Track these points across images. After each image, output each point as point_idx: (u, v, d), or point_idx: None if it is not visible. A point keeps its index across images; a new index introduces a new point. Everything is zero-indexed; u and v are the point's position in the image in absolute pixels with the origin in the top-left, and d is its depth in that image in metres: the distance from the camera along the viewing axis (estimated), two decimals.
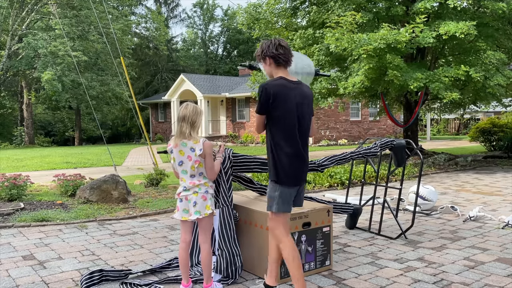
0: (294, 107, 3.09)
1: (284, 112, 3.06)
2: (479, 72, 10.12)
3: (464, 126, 33.72)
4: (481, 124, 16.19)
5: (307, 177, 8.74)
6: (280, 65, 3.14)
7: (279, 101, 3.04)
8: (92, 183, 7.24)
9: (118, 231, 5.58)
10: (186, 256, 3.44)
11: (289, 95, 3.08)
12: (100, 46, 26.97)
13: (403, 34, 9.76)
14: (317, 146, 22.07)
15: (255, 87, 15.09)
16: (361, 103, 20.28)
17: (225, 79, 30.73)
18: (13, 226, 5.77)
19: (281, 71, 3.16)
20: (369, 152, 4.69)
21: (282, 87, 3.06)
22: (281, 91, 3.05)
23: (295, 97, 3.10)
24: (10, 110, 33.46)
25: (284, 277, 3.73)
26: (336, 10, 11.35)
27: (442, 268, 4.03)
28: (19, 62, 26.31)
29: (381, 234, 5.19)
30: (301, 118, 3.13)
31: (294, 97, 3.09)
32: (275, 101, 3.03)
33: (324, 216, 3.98)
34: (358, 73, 10.34)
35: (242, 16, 13.54)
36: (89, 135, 35.65)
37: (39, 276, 3.95)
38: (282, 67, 3.16)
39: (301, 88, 3.17)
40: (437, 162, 12.55)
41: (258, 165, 4.08)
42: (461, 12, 10.88)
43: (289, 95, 3.08)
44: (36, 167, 13.17)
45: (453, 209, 6.31)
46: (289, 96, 3.07)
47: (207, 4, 48.37)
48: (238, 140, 25.91)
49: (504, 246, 4.70)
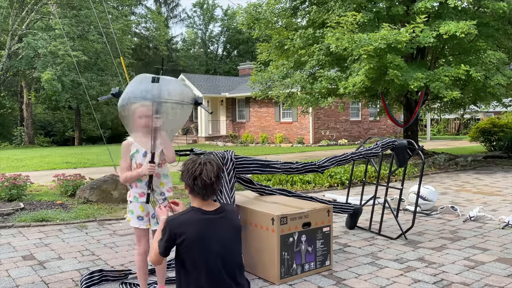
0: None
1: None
2: (479, 71, 10.12)
3: (464, 126, 33.71)
4: (481, 124, 16.19)
5: (307, 177, 8.80)
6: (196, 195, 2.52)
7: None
8: (92, 183, 7.24)
9: (118, 231, 5.57)
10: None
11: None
12: (100, 46, 26.97)
13: (404, 34, 9.75)
14: (317, 146, 22.06)
15: (255, 87, 15.09)
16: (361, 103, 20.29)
17: (225, 79, 30.74)
18: (13, 226, 5.76)
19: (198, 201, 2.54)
20: (370, 153, 4.68)
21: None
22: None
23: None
24: (10, 110, 33.44)
25: (284, 277, 3.73)
26: (337, 10, 11.34)
27: (442, 268, 4.02)
28: (19, 62, 26.30)
29: (381, 234, 5.18)
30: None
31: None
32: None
33: (324, 216, 3.97)
34: (359, 73, 10.34)
35: (242, 16, 13.53)
36: (89, 135, 35.62)
37: (39, 276, 3.94)
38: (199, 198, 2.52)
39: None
40: (437, 162, 12.54)
41: (257, 167, 4.09)
42: (461, 12, 10.88)
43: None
44: (36, 167, 13.16)
45: (453, 209, 6.30)
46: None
47: (207, 4, 48.39)
48: (238, 140, 25.91)
49: (504, 246, 4.70)
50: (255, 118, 26.16)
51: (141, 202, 3.29)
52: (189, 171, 2.50)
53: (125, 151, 3.25)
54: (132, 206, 3.31)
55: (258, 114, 25.94)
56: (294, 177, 8.69)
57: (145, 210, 3.31)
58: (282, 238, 3.68)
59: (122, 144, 3.24)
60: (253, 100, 25.56)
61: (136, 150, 3.25)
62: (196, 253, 2.43)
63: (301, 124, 23.34)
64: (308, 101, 13.16)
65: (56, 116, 35.07)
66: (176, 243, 2.45)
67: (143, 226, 3.31)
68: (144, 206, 3.30)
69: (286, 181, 8.62)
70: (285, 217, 3.70)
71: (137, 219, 3.30)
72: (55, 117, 35.14)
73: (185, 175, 2.52)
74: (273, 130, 24.93)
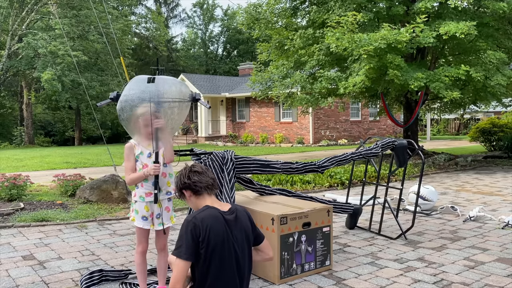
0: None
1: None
2: (479, 72, 10.12)
3: (464, 126, 33.71)
4: (481, 124, 16.19)
5: (307, 177, 8.80)
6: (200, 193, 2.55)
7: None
8: (92, 183, 7.24)
9: (118, 231, 5.57)
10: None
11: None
12: (100, 46, 26.97)
13: (404, 34, 9.75)
14: (317, 146, 22.06)
15: (255, 87, 15.08)
16: (361, 103, 20.29)
17: (225, 79, 30.73)
18: (13, 226, 5.76)
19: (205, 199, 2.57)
20: (370, 153, 4.68)
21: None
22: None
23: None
24: (10, 110, 33.44)
25: (284, 277, 3.73)
26: (337, 10, 11.34)
27: (442, 268, 4.03)
28: (19, 62, 26.30)
29: (381, 234, 5.18)
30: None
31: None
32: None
33: (324, 216, 3.97)
34: (359, 73, 10.34)
35: (242, 16, 13.53)
36: (89, 135, 35.60)
37: (39, 276, 3.94)
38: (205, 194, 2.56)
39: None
40: (437, 162, 12.55)
41: (257, 167, 4.09)
42: (461, 12, 10.88)
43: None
44: (36, 167, 13.16)
45: (453, 209, 6.30)
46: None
47: (207, 4, 48.39)
48: (238, 140, 25.91)
49: (504, 246, 4.70)
50: (255, 118, 26.16)
51: (147, 202, 3.28)
52: (180, 176, 2.55)
53: (128, 152, 3.24)
54: (137, 206, 3.30)
55: (258, 114, 25.95)
56: (294, 177, 8.69)
57: (150, 210, 3.30)
58: (282, 238, 3.68)
59: (124, 146, 3.24)
60: (253, 100, 25.56)
61: (141, 151, 3.27)
62: (217, 252, 2.35)
63: (301, 124, 23.34)
64: (308, 101, 13.16)
65: (56, 116, 35.05)
66: (200, 240, 2.32)
67: (147, 226, 3.31)
68: (149, 206, 3.30)
69: (286, 181, 8.62)
70: (285, 217, 3.70)
71: (141, 219, 3.30)
72: (55, 117, 35.12)
73: (179, 181, 2.55)
74: (273, 130, 24.93)
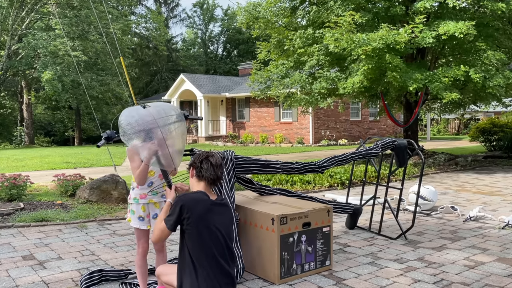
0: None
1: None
2: (478, 72, 10.10)
3: (464, 126, 33.71)
4: (481, 124, 16.19)
5: (307, 177, 8.80)
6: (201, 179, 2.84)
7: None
8: (92, 183, 7.24)
9: (118, 231, 5.58)
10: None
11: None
12: (100, 46, 26.95)
13: (402, 34, 9.74)
14: (317, 146, 22.06)
15: (254, 86, 15.06)
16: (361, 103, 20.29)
17: (225, 79, 30.71)
18: (13, 226, 5.76)
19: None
20: (370, 153, 4.68)
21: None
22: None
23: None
24: (10, 110, 33.44)
25: (284, 277, 3.73)
26: (336, 10, 11.33)
27: (442, 268, 4.03)
28: (19, 62, 26.30)
29: (382, 234, 5.19)
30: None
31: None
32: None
33: (324, 216, 3.97)
34: (357, 73, 10.34)
35: (242, 15, 13.52)
36: (89, 135, 35.60)
37: (39, 276, 3.94)
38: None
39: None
40: (437, 162, 12.54)
41: (257, 167, 4.10)
42: (460, 12, 10.87)
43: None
44: (36, 167, 13.15)
45: (453, 209, 6.30)
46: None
47: (207, 4, 48.36)
48: (238, 140, 25.90)
49: (504, 246, 4.70)
50: (255, 118, 26.16)
51: (142, 204, 3.31)
52: (198, 156, 2.88)
53: (132, 154, 3.24)
54: (133, 207, 3.33)
55: (258, 114, 25.94)
56: (294, 177, 8.69)
57: (146, 210, 3.32)
58: (282, 238, 3.68)
59: (126, 149, 3.24)
60: (253, 100, 25.55)
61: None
62: (199, 230, 2.66)
63: (301, 124, 23.33)
64: (308, 102, 13.15)
65: (56, 116, 35.06)
66: (183, 217, 2.67)
67: (144, 226, 3.32)
68: (146, 207, 3.32)
69: (286, 181, 8.62)
70: (285, 217, 3.70)
71: (137, 220, 3.32)
72: (55, 117, 35.13)
73: (195, 158, 2.88)
74: (273, 130, 24.92)
